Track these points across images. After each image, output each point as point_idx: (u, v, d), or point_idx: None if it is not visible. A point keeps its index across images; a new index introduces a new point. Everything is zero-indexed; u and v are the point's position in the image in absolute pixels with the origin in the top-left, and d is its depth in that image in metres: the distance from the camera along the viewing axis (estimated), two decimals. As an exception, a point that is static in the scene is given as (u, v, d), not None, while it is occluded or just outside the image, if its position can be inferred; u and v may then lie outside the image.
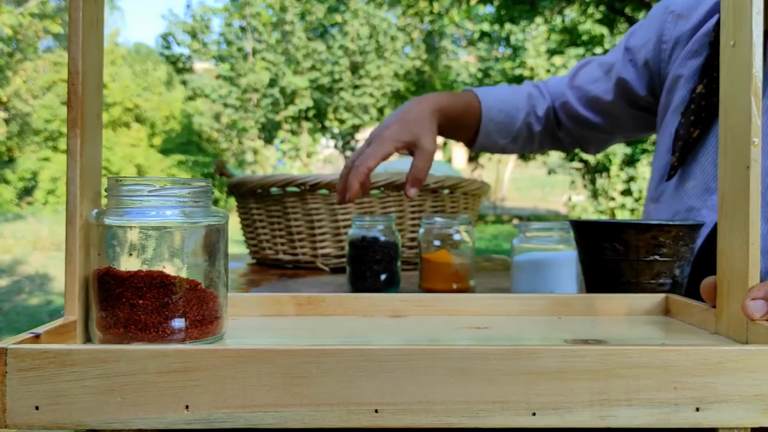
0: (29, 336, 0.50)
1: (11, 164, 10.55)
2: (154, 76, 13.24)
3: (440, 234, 1.01)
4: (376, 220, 1.01)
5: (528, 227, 0.94)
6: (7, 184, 10.24)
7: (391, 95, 10.17)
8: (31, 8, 10.03)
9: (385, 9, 9.89)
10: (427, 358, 0.46)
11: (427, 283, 1.00)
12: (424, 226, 1.03)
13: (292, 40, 9.43)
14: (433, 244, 1.01)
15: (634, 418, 0.46)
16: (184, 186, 0.56)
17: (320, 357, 0.46)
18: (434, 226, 1.02)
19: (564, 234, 0.91)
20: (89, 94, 0.56)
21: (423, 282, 1.01)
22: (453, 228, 1.01)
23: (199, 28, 10.04)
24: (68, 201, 0.55)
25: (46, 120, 10.64)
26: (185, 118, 12.13)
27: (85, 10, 0.55)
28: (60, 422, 0.45)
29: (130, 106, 11.70)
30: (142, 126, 11.88)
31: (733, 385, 0.46)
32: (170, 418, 0.45)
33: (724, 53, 0.59)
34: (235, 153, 9.99)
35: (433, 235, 1.01)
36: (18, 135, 10.71)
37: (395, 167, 1.42)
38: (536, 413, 0.46)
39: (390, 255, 1.00)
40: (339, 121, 9.90)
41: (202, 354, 0.46)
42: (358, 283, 1.00)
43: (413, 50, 10.43)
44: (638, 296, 0.73)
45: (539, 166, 10.64)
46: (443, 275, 0.99)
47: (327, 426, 0.46)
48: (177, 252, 0.55)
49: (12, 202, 10.06)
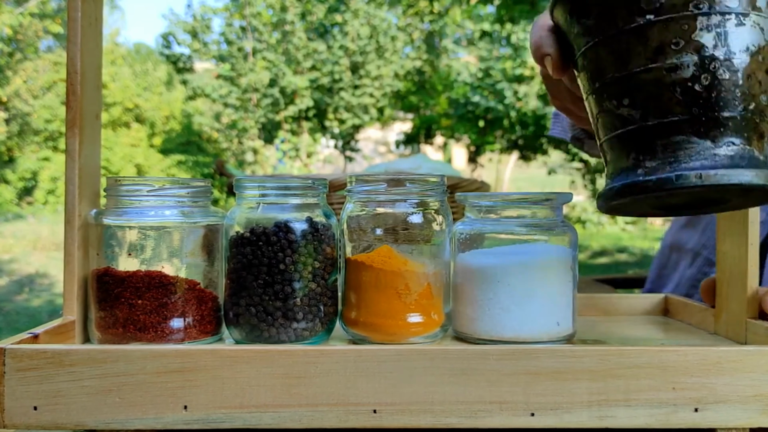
0: (28, 336, 0.50)
1: (11, 164, 10.56)
2: (154, 76, 13.24)
3: (383, 216, 0.57)
4: (285, 188, 0.57)
5: (480, 200, 0.59)
6: (7, 184, 10.25)
7: (391, 95, 10.17)
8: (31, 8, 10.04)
9: (385, 9, 9.90)
10: (426, 358, 0.46)
11: (352, 312, 0.57)
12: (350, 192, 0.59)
13: (293, 40, 9.44)
14: (367, 234, 0.58)
15: (632, 419, 0.46)
16: (183, 186, 0.56)
17: (319, 357, 0.46)
18: (370, 194, 0.57)
19: (548, 212, 0.58)
20: (88, 94, 0.56)
21: (347, 310, 0.58)
22: (409, 201, 0.57)
23: (199, 28, 10.04)
24: (67, 201, 0.55)
25: (46, 120, 10.65)
26: (185, 118, 12.14)
27: (84, 10, 0.55)
28: (58, 422, 0.45)
29: (130, 106, 11.70)
30: (142, 126, 11.89)
31: (732, 385, 0.45)
32: (169, 418, 0.45)
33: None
34: (235, 153, 10.00)
35: (370, 216, 0.58)
36: (18, 135, 10.71)
37: (395, 167, 1.42)
38: (535, 413, 0.45)
39: (318, 261, 0.56)
40: (339, 121, 9.90)
41: (201, 354, 0.46)
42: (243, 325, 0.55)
43: (413, 50, 10.44)
44: (639, 296, 0.73)
45: (539, 166, 10.64)
46: (386, 295, 0.56)
47: (325, 426, 0.46)
48: (176, 252, 0.55)
49: (12, 202, 10.06)
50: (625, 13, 0.46)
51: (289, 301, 0.54)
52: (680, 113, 0.45)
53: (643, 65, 0.46)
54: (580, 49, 0.50)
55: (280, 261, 0.53)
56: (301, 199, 0.56)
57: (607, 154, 0.50)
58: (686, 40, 0.45)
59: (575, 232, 0.58)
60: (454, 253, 0.59)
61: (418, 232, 0.57)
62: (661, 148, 0.46)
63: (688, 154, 0.45)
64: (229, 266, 0.55)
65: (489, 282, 0.56)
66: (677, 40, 0.45)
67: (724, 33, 0.44)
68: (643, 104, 0.46)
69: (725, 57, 0.44)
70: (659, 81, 0.45)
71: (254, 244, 0.54)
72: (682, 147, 0.45)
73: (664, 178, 0.45)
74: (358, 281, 0.56)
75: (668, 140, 0.45)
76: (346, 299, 0.58)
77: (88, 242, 0.56)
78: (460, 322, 0.58)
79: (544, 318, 0.55)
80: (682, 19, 0.45)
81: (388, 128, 12.08)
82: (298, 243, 0.54)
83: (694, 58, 0.44)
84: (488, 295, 0.56)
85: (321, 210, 0.57)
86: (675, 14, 0.45)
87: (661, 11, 0.45)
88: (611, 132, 0.48)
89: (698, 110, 0.44)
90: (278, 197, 0.56)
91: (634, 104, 0.47)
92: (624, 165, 0.47)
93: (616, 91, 0.47)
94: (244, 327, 0.54)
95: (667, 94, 0.45)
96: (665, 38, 0.45)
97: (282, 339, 0.54)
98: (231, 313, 0.55)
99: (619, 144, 0.48)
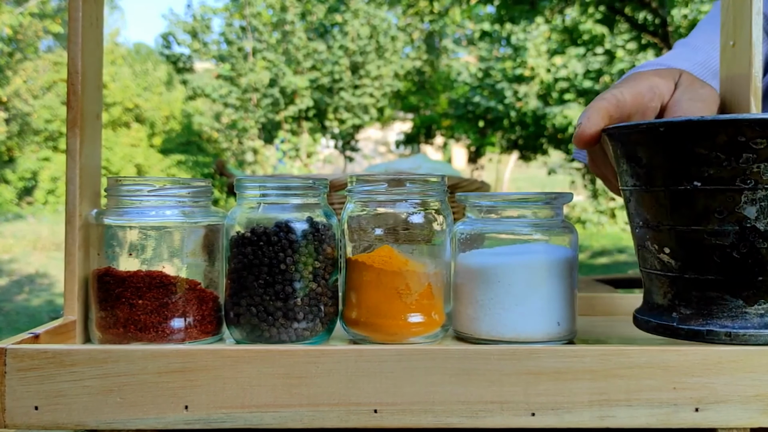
0: (28, 336, 0.50)
1: (11, 164, 10.56)
2: (154, 76, 13.25)
3: (384, 215, 0.57)
4: (286, 188, 0.57)
5: (480, 200, 0.59)
6: (7, 184, 10.25)
7: (391, 95, 10.18)
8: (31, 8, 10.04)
9: (385, 9, 9.89)
10: (427, 358, 0.46)
11: (353, 312, 0.57)
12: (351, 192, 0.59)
13: (293, 40, 9.44)
14: (368, 234, 0.57)
15: (633, 419, 0.46)
16: (184, 186, 0.56)
17: (320, 357, 0.46)
18: (371, 194, 0.57)
19: (548, 212, 0.58)
20: (89, 93, 0.56)
21: (347, 310, 0.58)
22: (409, 201, 0.57)
23: (199, 28, 10.04)
24: (67, 201, 0.55)
25: (46, 120, 10.65)
26: (185, 118, 12.14)
27: (85, 10, 0.55)
28: (59, 422, 0.45)
29: (130, 106, 11.71)
30: (142, 126, 11.89)
31: (733, 385, 0.46)
32: (169, 418, 0.45)
33: (724, 53, 0.59)
34: (235, 153, 9.99)
35: (370, 216, 0.57)
36: (18, 135, 10.71)
37: (395, 167, 1.42)
38: (536, 413, 0.45)
39: (319, 261, 0.56)
40: (339, 121, 9.91)
41: (202, 354, 0.46)
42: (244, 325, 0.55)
43: (413, 50, 10.44)
44: (639, 296, 0.73)
45: (539, 166, 10.64)
46: (386, 295, 0.56)
47: (326, 426, 0.46)
48: (176, 252, 0.55)
49: (12, 202, 10.06)
50: (675, 174, 0.47)
51: (290, 301, 0.54)
52: (717, 273, 0.48)
53: (687, 225, 0.48)
54: (626, 185, 0.52)
55: (280, 261, 0.53)
56: (302, 199, 0.56)
57: (644, 280, 0.54)
58: (730, 211, 0.46)
59: (576, 232, 0.58)
60: (455, 253, 0.59)
61: (419, 232, 0.56)
62: (696, 299, 0.49)
63: (720, 310, 0.48)
64: (229, 266, 0.55)
65: (490, 282, 0.56)
66: (721, 209, 0.47)
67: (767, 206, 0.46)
68: (684, 258, 0.49)
69: (765, 229, 0.46)
70: (700, 242, 0.48)
71: (255, 244, 0.54)
72: (716, 302, 0.48)
73: (695, 330, 0.48)
74: (359, 281, 0.56)
75: (703, 294, 0.48)
76: (346, 299, 0.58)
77: (88, 242, 0.56)
78: (461, 322, 0.58)
79: (545, 318, 0.55)
80: (729, 191, 0.46)
81: (388, 128, 12.09)
82: (299, 243, 0.54)
83: (736, 228, 0.46)
84: (489, 295, 0.56)
85: (322, 210, 0.57)
86: (722, 186, 0.46)
87: (709, 181, 0.46)
88: (651, 269, 0.52)
89: (734, 274, 0.47)
90: (279, 197, 0.56)
91: (675, 255, 0.49)
92: (660, 301, 0.52)
93: (659, 238, 0.50)
94: (245, 327, 0.54)
95: (707, 255, 0.48)
96: (710, 205, 0.47)
97: (283, 339, 0.54)
98: (232, 313, 0.55)
99: (658, 282, 0.52)
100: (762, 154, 0.45)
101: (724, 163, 0.45)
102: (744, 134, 0.44)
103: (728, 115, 0.45)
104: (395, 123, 11.87)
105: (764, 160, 0.45)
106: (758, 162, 0.45)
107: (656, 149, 0.48)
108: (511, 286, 0.55)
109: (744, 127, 0.44)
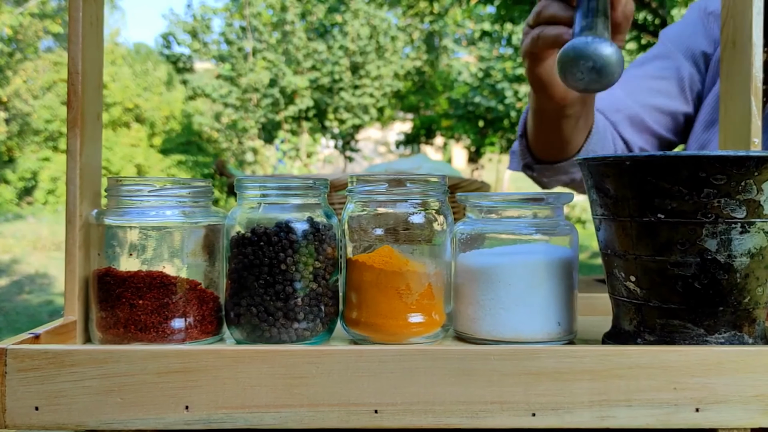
0: (29, 336, 0.50)
1: (11, 164, 10.56)
2: (154, 76, 13.24)
3: (384, 216, 0.57)
4: (286, 188, 0.56)
5: (480, 200, 0.59)
6: (7, 184, 10.25)
7: (391, 95, 10.18)
8: (31, 8, 10.04)
9: (385, 9, 9.90)
10: (427, 358, 0.46)
11: (353, 312, 0.57)
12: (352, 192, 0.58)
13: (293, 40, 9.44)
14: (368, 234, 0.57)
15: (633, 419, 0.46)
16: (184, 186, 0.56)
17: (320, 357, 0.46)
18: (371, 194, 0.57)
19: (548, 212, 0.58)
20: (89, 94, 0.56)
21: (348, 310, 0.58)
22: (410, 201, 0.57)
23: (199, 28, 10.05)
24: (68, 201, 0.55)
25: (46, 120, 10.65)
26: (185, 118, 12.14)
27: (85, 10, 0.55)
28: (60, 423, 0.45)
29: (130, 106, 11.71)
30: (142, 126, 11.89)
31: (733, 385, 0.46)
32: (170, 419, 0.45)
33: (724, 53, 0.59)
34: (235, 153, 9.99)
35: (371, 216, 0.57)
36: (18, 135, 10.71)
37: (396, 167, 1.42)
38: (536, 414, 0.45)
39: (319, 261, 0.55)
40: (339, 121, 9.91)
41: (202, 354, 0.46)
42: (244, 326, 0.55)
43: (413, 50, 10.44)
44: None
45: (539, 166, 10.63)
46: (387, 295, 0.55)
47: (326, 426, 0.46)
48: (177, 252, 0.55)
49: (12, 202, 10.06)
50: (640, 205, 0.49)
51: (290, 302, 0.54)
52: (679, 303, 0.50)
53: (651, 255, 0.50)
54: (596, 214, 0.54)
55: (281, 261, 0.53)
56: (302, 200, 0.56)
57: (612, 306, 0.56)
58: (691, 243, 0.48)
59: (576, 232, 0.58)
60: (455, 253, 0.59)
61: (419, 232, 0.56)
62: (659, 327, 0.51)
63: (682, 338, 0.50)
64: (230, 266, 0.55)
65: (490, 282, 0.56)
66: (683, 241, 0.48)
67: (728, 240, 0.48)
68: (648, 286, 0.51)
69: (725, 261, 0.48)
70: (664, 272, 0.49)
71: (255, 245, 0.54)
72: (678, 330, 0.50)
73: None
74: (359, 281, 0.56)
75: (667, 322, 0.50)
76: (347, 299, 0.57)
77: (89, 242, 0.56)
78: (461, 322, 0.58)
79: (545, 318, 0.55)
80: (690, 224, 0.48)
81: (388, 128, 12.09)
82: (299, 243, 0.54)
83: (697, 260, 0.48)
84: (489, 295, 0.56)
85: (322, 210, 0.57)
86: (684, 219, 0.48)
87: (672, 214, 0.48)
88: (618, 295, 0.54)
89: (696, 303, 0.49)
90: (279, 197, 0.56)
91: (640, 284, 0.51)
92: (627, 327, 0.53)
93: (625, 266, 0.52)
94: (245, 327, 0.54)
95: (670, 285, 0.49)
96: (673, 237, 0.48)
97: (283, 339, 0.54)
98: (232, 313, 0.55)
99: (624, 308, 0.54)
100: (722, 190, 0.47)
101: (686, 197, 0.47)
102: (705, 170, 0.46)
103: (689, 152, 0.47)
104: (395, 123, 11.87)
105: (725, 195, 0.47)
106: (719, 197, 0.47)
107: (622, 181, 0.50)
108: (511, 286, 0.55)
109: (704, 164, 0.46)
